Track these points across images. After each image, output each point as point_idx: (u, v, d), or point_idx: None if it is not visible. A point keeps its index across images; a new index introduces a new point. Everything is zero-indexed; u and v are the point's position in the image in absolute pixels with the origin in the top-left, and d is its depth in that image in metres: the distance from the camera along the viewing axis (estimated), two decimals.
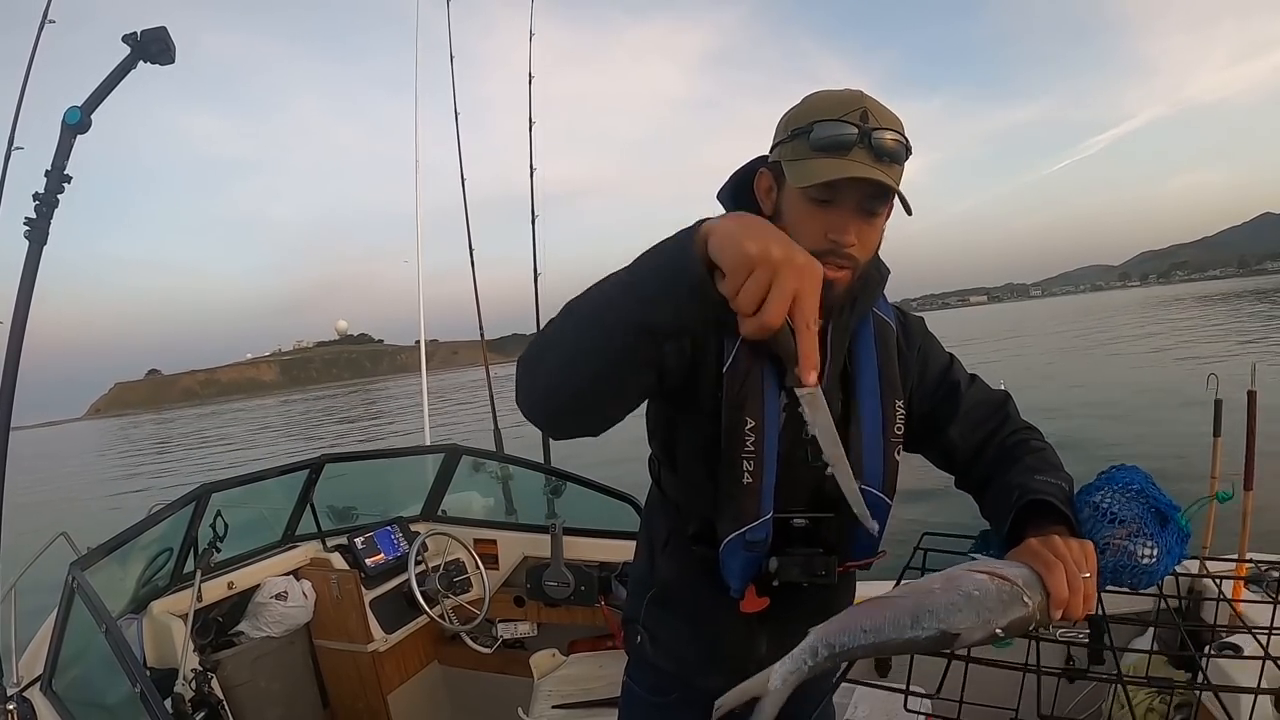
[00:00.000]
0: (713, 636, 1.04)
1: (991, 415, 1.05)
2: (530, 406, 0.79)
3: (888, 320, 1.04)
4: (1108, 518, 0.84)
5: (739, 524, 0.94)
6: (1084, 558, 0.76)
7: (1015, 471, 0.94)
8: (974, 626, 0.65)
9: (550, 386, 0.77)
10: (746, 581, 0.97)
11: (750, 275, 0.60)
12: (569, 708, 2.09)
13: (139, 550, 2.29)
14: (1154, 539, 0.82)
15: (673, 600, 1.07)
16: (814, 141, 0.86)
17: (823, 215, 0.88)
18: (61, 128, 1.71)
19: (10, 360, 1.77)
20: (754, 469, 0.93)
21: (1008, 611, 0.68)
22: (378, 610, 2.56)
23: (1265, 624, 0.92)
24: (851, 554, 1.01)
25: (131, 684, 1.50)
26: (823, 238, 0.88)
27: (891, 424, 0.99)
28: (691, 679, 1.06)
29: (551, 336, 0.76)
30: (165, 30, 1.68)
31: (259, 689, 2.42)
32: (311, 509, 2.78)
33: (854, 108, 0.86)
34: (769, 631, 1.01)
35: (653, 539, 1.11)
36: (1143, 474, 0.91)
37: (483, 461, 3.24)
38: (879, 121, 0.86)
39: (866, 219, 0.88)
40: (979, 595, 0.67)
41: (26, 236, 1.74)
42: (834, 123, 0.85)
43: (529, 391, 0.78)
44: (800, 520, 0.97)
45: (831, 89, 0.90)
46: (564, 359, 0.74)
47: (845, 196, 0.87)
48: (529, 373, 0.78)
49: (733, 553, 0.95)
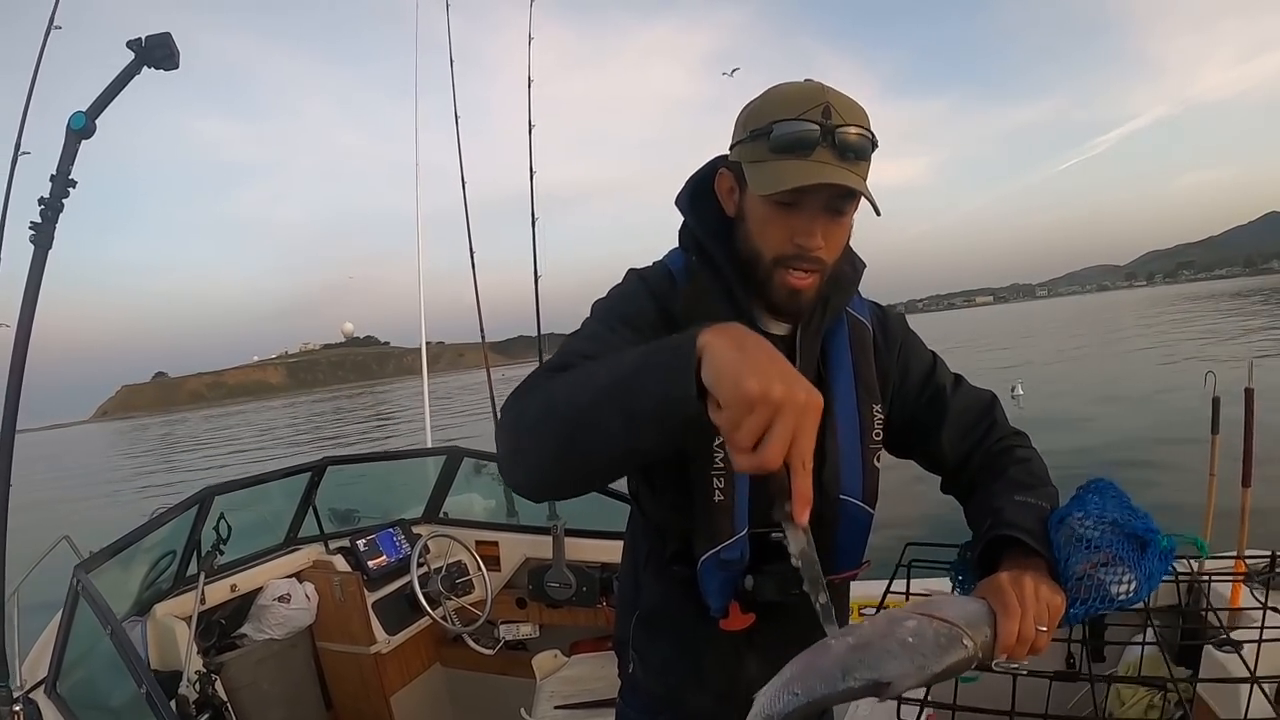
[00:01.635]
0: (698, 656, 1.00)
1: (979, 421, 1.02)
2: (517, 487, 0.77)
3: (863, 320, 1.01)
4: (1085, 544, 0.80)
5: (713, 543, 0.91)
6: (1046, 611, 0.73)
7: (998, 488, 0.91)
8: (907, 674, 0.64)
9: (539, 479, 0.75)
10: (726, 600, 0.94)
11: (750, 414, 0.57)
12: (571, 708, 2.09)
13: (142, 553, 2.30)
14: (1131, 567, 0.79)
15: (657, 621, 1.03)
16: (774, 142, 0.81)
17: (787, 219, 0.84)
18: (66, 133, 1.72)
19: (16, 364, 1.78)
20: (724, 486, 0.90)
21: (944, 656, 0.66)
22: (380, 612, 2.57)
23: (1263, 620, 0.92)
24: (834, 568, 0.97)
25: (137, 686, 1.51)
26: (788, 242, 0.85)
27: (870, 430, 0.96)
28: (682, 700, 1.03)
29: (533, 430, 0.72)
30: (169, 36, 1.70)
31: (262, 691, 2.43)
32: (314, 511, 2.79)
33: (815, 103, 0.81)
34: (756, 649, 0.97)
35: (635, 558, 1.08)
36: (1118, 492, 0.88)
37: (484, 463, 3.24)
38: (843, 117, 0.81)
39: (833, 218, 0.85)
40: (914, 642, 0.65)
41: (32, 241, 1.75)
42: (794, 121, 0.81)
43: (512, 474, 0.76)
44: (778, 535, 0.96)
45: (792, 81, 0.85)
46: (549, 456, 0.71)
47: (810, 198, 0.83)
48: (511, 461, 0.75)
49: (709, 572, 0.93)
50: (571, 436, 0.68)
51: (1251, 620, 1.25)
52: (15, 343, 1.76)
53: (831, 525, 0.95)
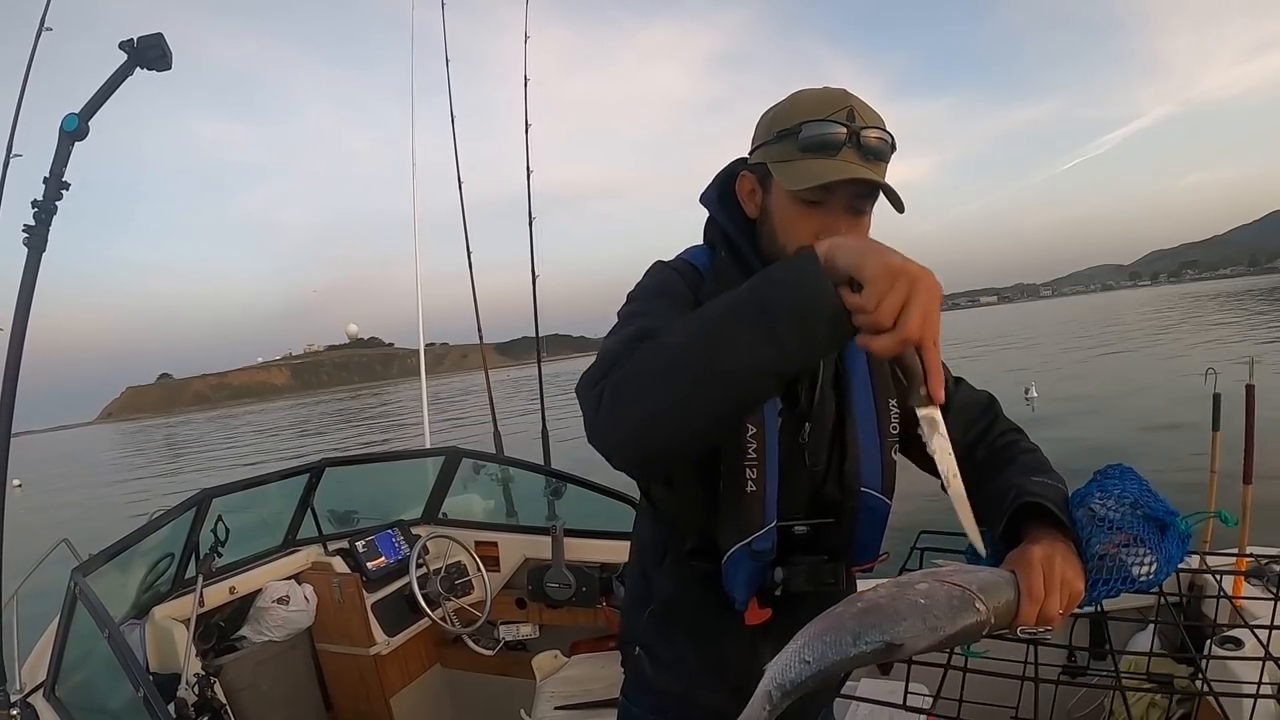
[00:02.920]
0: (716, 652, 1.02)
1: (980, 417, 1.03)
2: (619, 444, 0.75)
3: None
4: (1106, 525, 0.81)
5: (743, 534, 0.92)
6: (1068, 596, 0.73)
7: (1011, 472, 0.91)
8: (919, 635, 0.64)
9: (653, 428, 0.73)
10: (751, 593, 0.96)
11: (892, 289, 0.62)
12: (571, 709, 2.09)
13: (141, 556, 2.29)
14: (1153, 549, 0.79)
15: (673, 617, 1.04)
16: (803, 142, 0.86)
17: (814, 216, 0.88)
18: (60, 134, 1.71)
19: (10, 366, 1.77)
20: (757, 476, 0.91)
21: (957, 618, 0.66)
22: (379, 613, 2.56)
23: (1266, 618, 0.92)
24: (854, 559, 0.99)
25: (135, 689, 1.51)
26: (814, 238, 0.85)
27: (886, 423, 0.98)
28: (694, 697, 1.03)
29: (653, 378, 0.72)
30: (161, 37, 1.69)
31: (261, 693, 2.43)
32: (312, 513, 2.78)
33: (840, 106, 0.86)
34: (772, 643, 0.97)
35: (646, 555, 1.08)
36: (1136, 477, 0.89)
37: (483, 464, 3.24)
38: (865, 120, 0.86)
39: (855, 218, 0.89)
40: (926, 604, 0.65)
41: (26, 244, 1.74)
42: (822, 122, 0.85)
43: (616, 427, 0.74)
44: (802, 528, 0.95)
45: (814, 88, 0.90)
46: (677, 403, 0.70)
47: (836, 197, 0.87)
48: (618, 410, 0.73)
49: (738, 564, 0.93)
50: (709, 362, 0.69)
51: (1254, 616, 1.24)
52: (10, 345, 1.76)
53: (853, 516, 0.97)
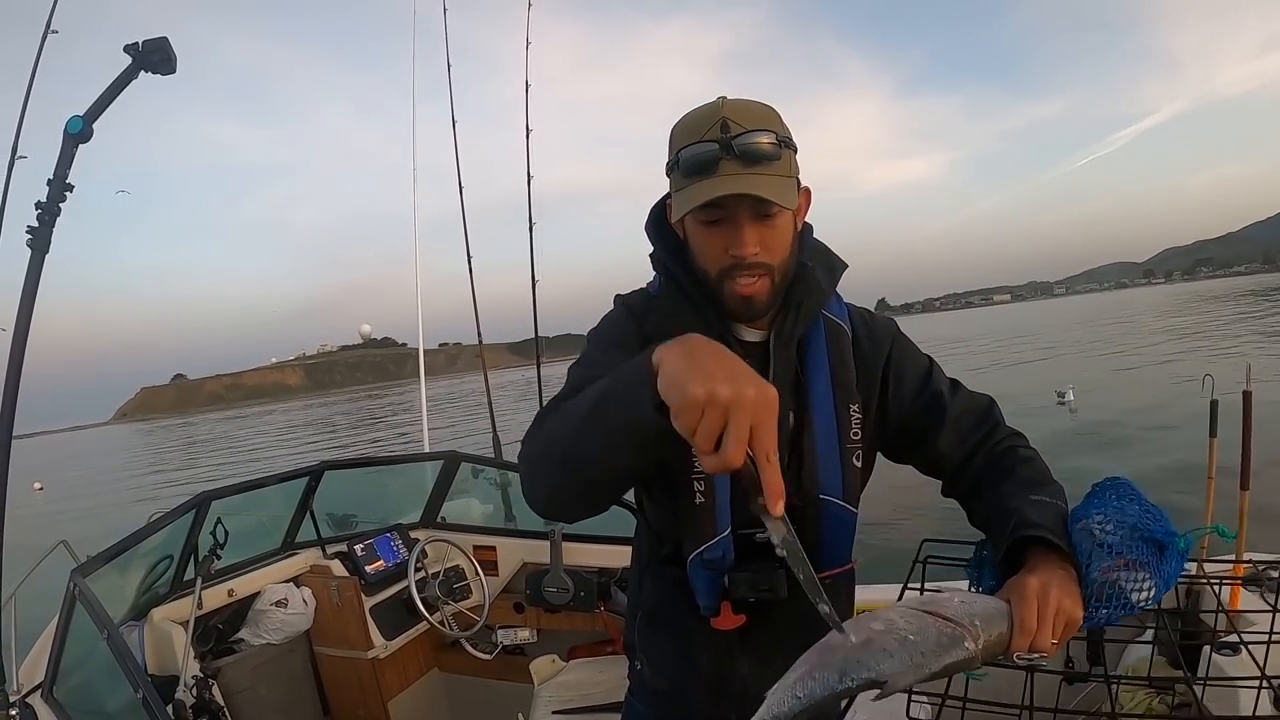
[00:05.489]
0: (693, 656, 1.03)
1: (980, 423, 1.02)
2: (541, 513, 0.86)
3: (839, 323, 1.02)
4: (1105, 549, 0.81)
5: (698, 543, 0.95)
6: (1063, 626, 0.74)
7: (1009, 487, 0.91)
8: (903, 672, 0.65)
9: (555, 503, 0.82)
10: (715, 599, 0.97)
11: (701, 418, 0.59)
12: (569, 713, 2.08)
13: (139, 558, 2.29)
14: (1152, 573, 0.79)
15: (658, 621, 1.07)
16: (683, 168, 0.87)
17: (717, 234, 0.89)
18: (64, 137, 1.72)
19: (13, 367, 1.78)
20: (705, 489, 0.93)
21: (944, 655, 0.67)
22: (378, 617, 2.56)
23: (1263, 624, 0.92)
24: (819, 565, 0.98)
25: (134, 690, 1.51)
26: (724, 254, 0.89)
27: (846, 429, 0.98)
28: (685, 697, 1.06)
29: (540, 461, 0.80)
30: (166, 40, 1.70)
31: (259, 696, 2.42)
32: (311, 516, 2.78)
33: (712, 121, 0.86)
34: (749, 649, 1.00)
35: (639, 560, 1.12)
36: (1133, 492, 0.88)
37: (481, 468, 3.24)
38: (742, 125, 0.85)
39: (763, 222, 0.88)
40: (914, 640, 0.66)
41: (29, 245, 1.75)
42: (695, 145, 0.86)
43: (533, 501, 0.83)
44: (762, 536, 0.93)
45: (695, 108, 0.90)
46: (564, 484, 0.79)
47: (731, 210, 0.87)
48: (532, 481, 0.82)
49: (696, 571, 0.96)
50: (563, 465, 0.76)
51: (1250, 623, 1.24)
52: (12, 347, 1.76)
53: (814, 524, 0.97)
